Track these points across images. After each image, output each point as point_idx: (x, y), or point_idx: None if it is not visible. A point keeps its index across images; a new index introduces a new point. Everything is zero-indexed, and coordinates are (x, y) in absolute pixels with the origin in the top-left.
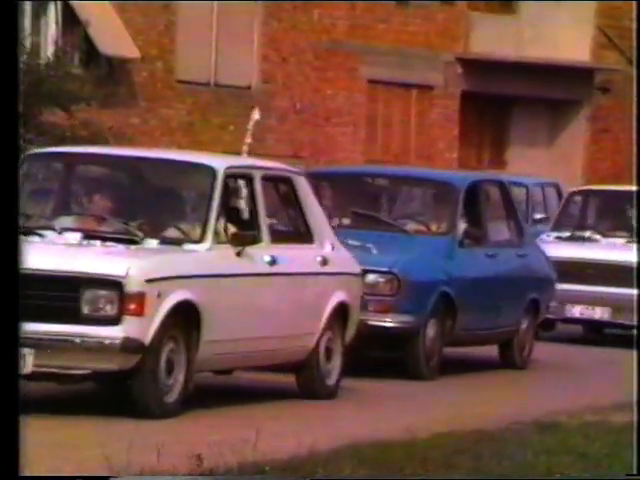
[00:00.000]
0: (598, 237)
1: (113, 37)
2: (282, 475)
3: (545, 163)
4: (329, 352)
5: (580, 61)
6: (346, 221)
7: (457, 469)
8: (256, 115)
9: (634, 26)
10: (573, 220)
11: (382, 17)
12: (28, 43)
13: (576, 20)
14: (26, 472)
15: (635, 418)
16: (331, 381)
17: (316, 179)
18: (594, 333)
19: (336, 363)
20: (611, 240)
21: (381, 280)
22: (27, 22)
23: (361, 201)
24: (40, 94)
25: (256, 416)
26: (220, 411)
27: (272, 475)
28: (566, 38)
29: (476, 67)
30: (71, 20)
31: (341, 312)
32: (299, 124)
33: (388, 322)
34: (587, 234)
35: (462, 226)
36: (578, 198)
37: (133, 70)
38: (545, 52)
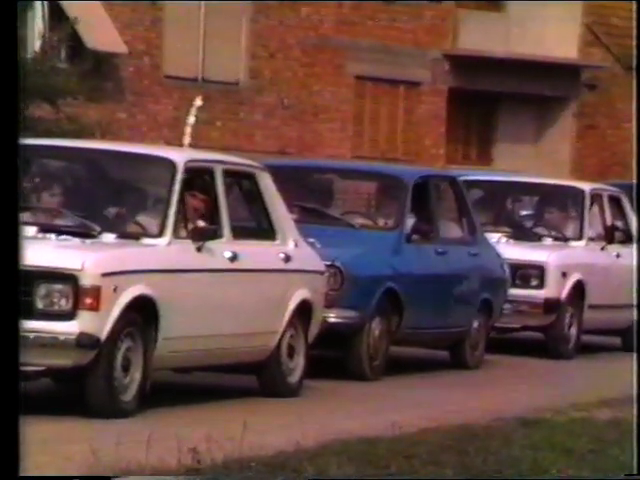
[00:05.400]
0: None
1: (100, 32)
2: (269, 470)
3: (532, 159)
4: (291, 350)
5: (567, 58)
6: (292, 215)
7: (443, 465)
8: (198, 102)
9: (633, 24)
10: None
11: (369, 14)
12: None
13: (563, 17)
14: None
15: (635, 417)
16: (293, 379)
17: None
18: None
19: (299, 361)
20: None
21: None
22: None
23: (309, 195)
24: (26, 88)
25: (242, 412)
26: (205, 407)
27: (261, 472)
28: (553, 35)
29: (463, 64)
30: (58, 14)
31: (304, 310)
32: (286, 120)
33: (331, 317)
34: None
35: (410, 221)
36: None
37: (120, 65)
38: (532, 49)
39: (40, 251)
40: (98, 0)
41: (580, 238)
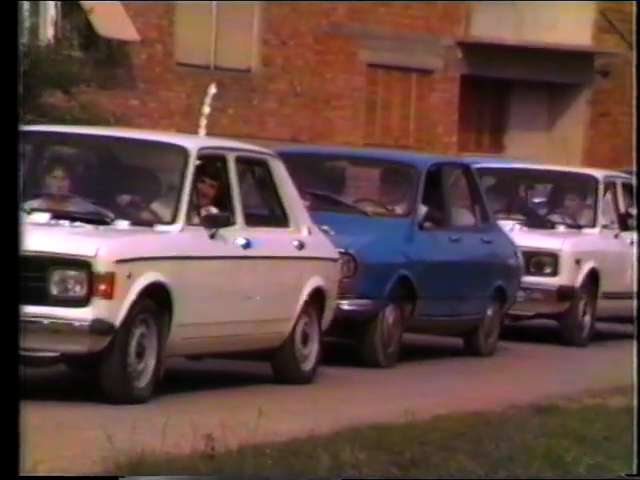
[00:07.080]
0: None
1: (113, 20)
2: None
3: (544, 147)
4: (305, 337)
5: (580, 45)
6: (305, 203)
7: (456, 452)
8: (213, 89)
9: (634, 9)
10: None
11: (382, 1)
12: (27, 25)
13: (577, 4)
14: (28, 460)
15: (635, 417)
16: (307, 366)
17: None
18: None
19: (313, 348)
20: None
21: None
22: (26, 4)
23: (321, 182)
24: (39, 76)
25: (256, 399)
26: (219, 393)
27: (275, 459)
28: (567, 22)
29: (476, 51)
30: (70, 2)
31: (318, 297)
32: (298, 107)
33: (345, 304)
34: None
35: (423, 209)
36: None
37: (132, 53)
38: (545, 36)
39: (54, 238)
40: None
41: (594, 225)
